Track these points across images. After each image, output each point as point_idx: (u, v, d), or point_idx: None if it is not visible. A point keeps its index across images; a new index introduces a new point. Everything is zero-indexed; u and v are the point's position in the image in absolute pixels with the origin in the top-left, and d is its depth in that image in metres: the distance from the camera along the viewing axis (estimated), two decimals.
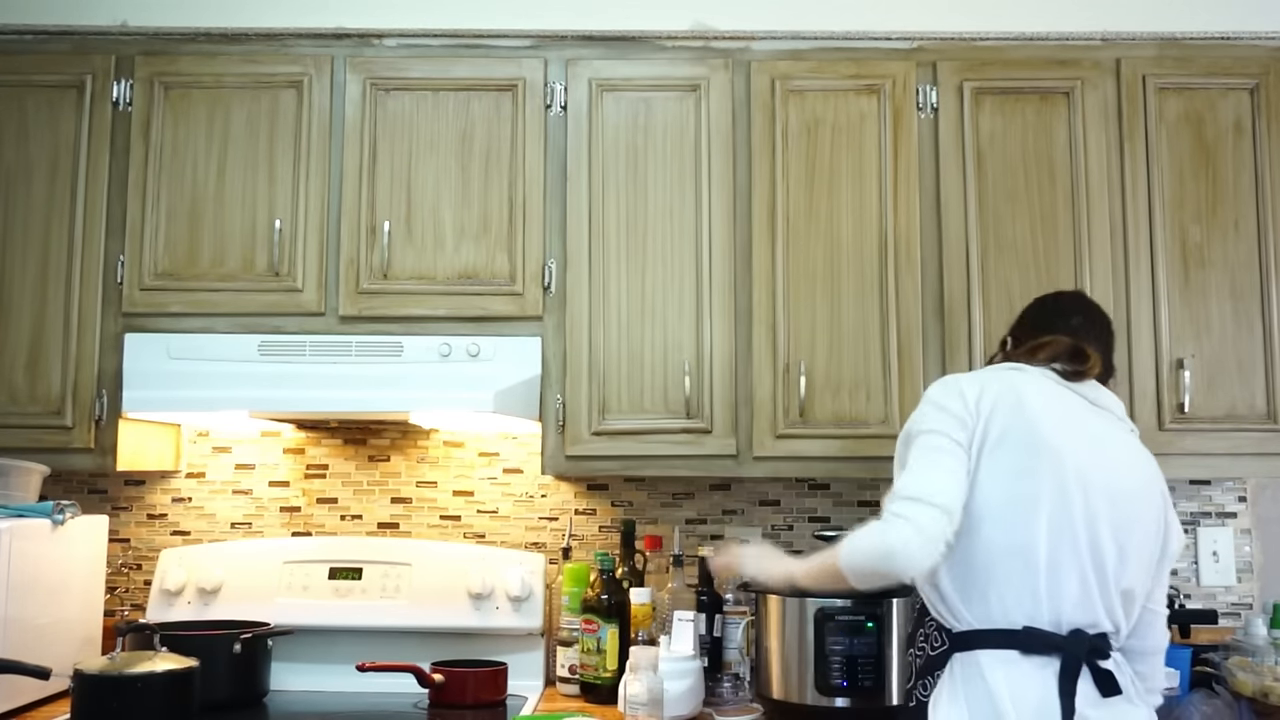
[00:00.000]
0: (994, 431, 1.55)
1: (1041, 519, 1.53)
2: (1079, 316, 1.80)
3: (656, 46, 2.38)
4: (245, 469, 2.62)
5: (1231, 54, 2.37)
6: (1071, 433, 1.58)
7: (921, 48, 2.37)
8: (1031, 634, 1.52)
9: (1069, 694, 1.49)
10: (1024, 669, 1.50)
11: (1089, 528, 1.55)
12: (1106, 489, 1.57)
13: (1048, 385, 1.64)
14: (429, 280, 2.29)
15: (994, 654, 1.51)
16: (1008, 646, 1.51)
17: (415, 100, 2.34)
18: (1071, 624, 1.54)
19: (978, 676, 1.50)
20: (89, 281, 2.29)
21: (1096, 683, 1.53)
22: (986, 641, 1.52)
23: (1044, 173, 2.32)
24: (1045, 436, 1.55)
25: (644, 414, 2.27)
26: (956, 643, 1.54)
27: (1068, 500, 1.54)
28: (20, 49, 2.38)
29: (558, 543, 2.56)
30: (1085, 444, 1.59)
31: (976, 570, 1.53)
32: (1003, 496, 1.53)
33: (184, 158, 2.33)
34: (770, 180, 2.31)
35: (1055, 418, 1.58)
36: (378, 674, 2.21)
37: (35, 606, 2.12)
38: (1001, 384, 1.61)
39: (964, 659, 1.52)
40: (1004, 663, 1.50)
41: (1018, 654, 1.51)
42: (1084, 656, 1.52)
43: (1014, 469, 1.54)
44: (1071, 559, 1.53)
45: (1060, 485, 1.54)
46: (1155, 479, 1.66)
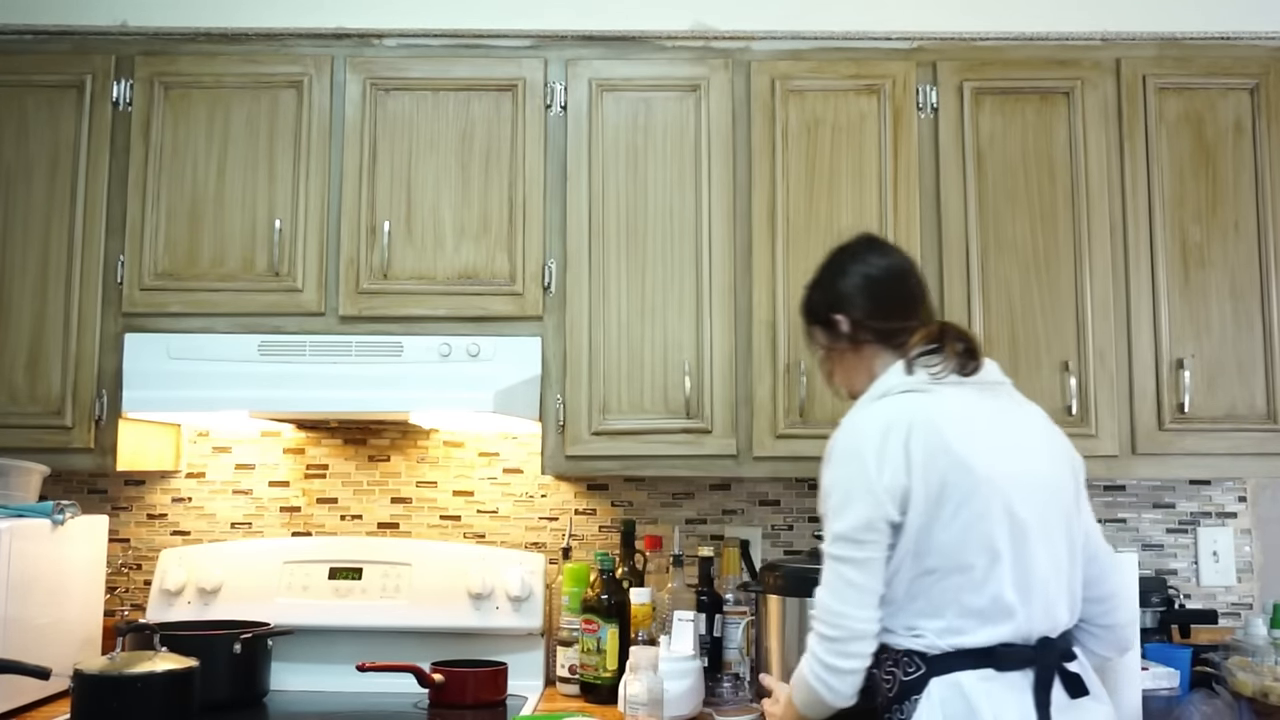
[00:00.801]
0: (933, 486, 1.53)
1: (999, 545, 1.53)
2: (914, 279, 1.78)
3: (656, 46, 2.38)
4: (245, 469, 2.62)
5: (1231, 54, 2.37)
6: (995, 450, 1.57)
7: (921, 48, 2.37)
8: (1006, 650, 1.52)
9: (1044, 705, 1.51)
10: (1001, 686, 1.51)
11: (1039, 536, 1.56)
12: (1038, 490, 1.58)
13: (956, 402, 1.61)
14: (429, 280, 2.29)
15: (973, 674, 1.51)
16: (984, 665, 1.51)
17: (415, 100, 2.34)
18: (1039, 633, 1.55)
19: (958, 698, 1.50)
20: (89, 281, 2.29)
21: (1065, 686, 1.55)
22: (963, 663, 1.52)
23: (1044, 173, 2.32)
24: (978, 468, 1.54)
25: (644, 414, 2.27)
26: (934, 666, 1.53)
27: (1015, 519, 1.54)
28: (20, 49, 2.38)
29: (558, 543, 2.56)
30: (1008, 454, 1.58)
31: (945, 603, 1.53)
32: (958, 538, 1.53)
33: (184, 158, 2.33)
34: (770, 180, 2.31)
35: (977, 440, 1.56)
36: (378, 674, 2.21)
37: (35, 606, 2.12)
38: (922, 429, 1.55)
39: (942, 682, 1.51)
40: (983, 680, 1.50)
41: (994, 671, 1.51)
42: (1055, 665, 1.54)
43: (962, 510, 1.53)
44: (1030, 574, 1.54)
45: (1007, 509, 1.54)
46: (1059, 443, 1.67)
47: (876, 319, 1.73)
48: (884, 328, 1.72)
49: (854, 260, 1.80)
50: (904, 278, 1.79)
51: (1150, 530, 2.61)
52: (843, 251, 1.84)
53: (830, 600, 1.56)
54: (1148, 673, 2.08)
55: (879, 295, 1.75)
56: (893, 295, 1.76)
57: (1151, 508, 2.61)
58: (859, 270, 1.78)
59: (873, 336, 1.73)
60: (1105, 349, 2.28)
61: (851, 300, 1.76)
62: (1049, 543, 1.57)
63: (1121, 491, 2.62)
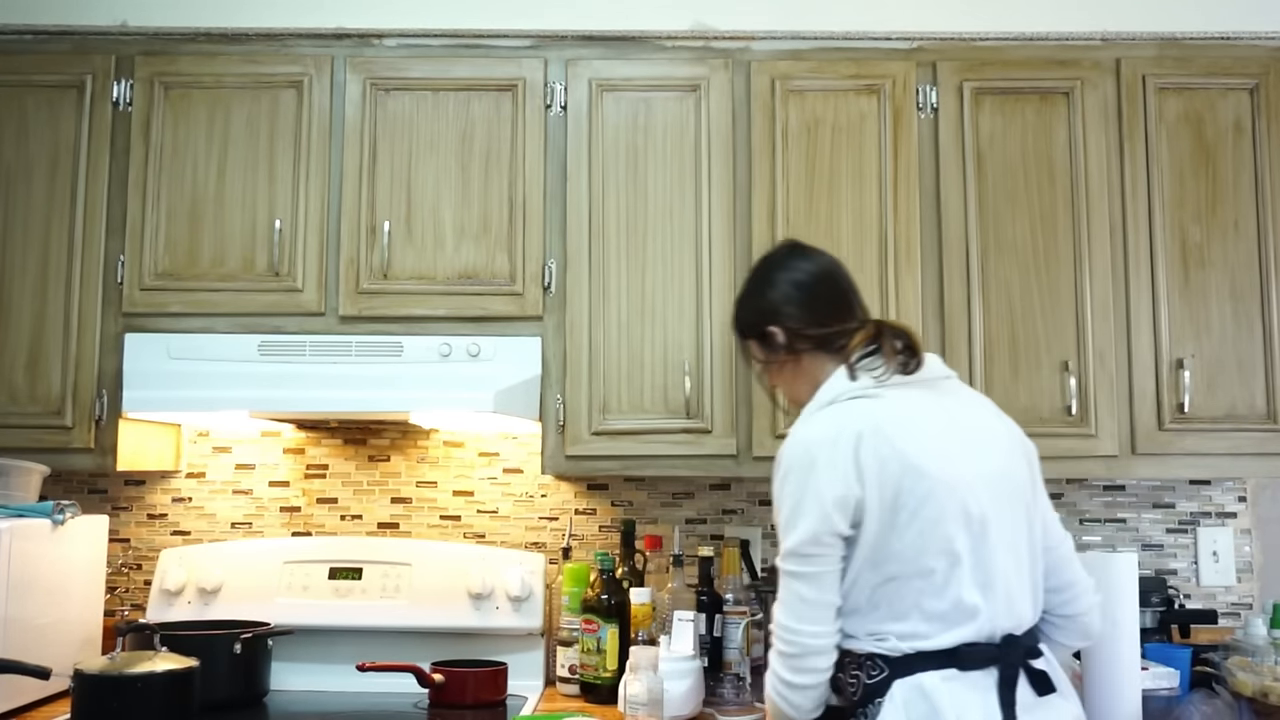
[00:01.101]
0: (887, 494, 1.51)
1: (958, 547, 1.52)
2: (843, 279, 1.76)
3: (656, 46, 2.38)
4: (245, 469, 2.62)
5: (1231, 54, 2.37)
6: (948, 450, 1.56)
7: (921, 48, 2.38)
8: (969, 650, 1.51)
9: (1009, 704, 1.50)
10: (964, 685, 1.50)
11: (999, 533, 1.55)
12: (995, 485, 1.57)
13: (903, 404, 1.59)
14: (429, 280, 2.29)
15: (935, 675, 1.50)
16: (947, 666, 1.50)
17: (415, 100, 2.34)
18: (1003, 631, 1.54)
19: (921, 699, 1.49)
20: (89, 281, 2.29)
21: (1032, 683, 1.54)
22: (926, 664, 1.51)
23: (1044, 173, 2.32)
24: (931, 471, 1.52)
25: (644, 414, 2.27)
26: (897, 668, 1.52)
27: (973, 518, 1.53)
28: (20, 49, 2.38)
29: (558, 543, 2.56)
30: (961, 453, 1.57)
31: (907, 608, 1.52)
32: (915, 544, 1.51)
33: (184, 158, 2.33)
34: (770, 180, 2.31)
35: (928, 442, 1.55)
36: (378, 674, 2.21)
37: (35, 606, 2.12)
38: (871, 436, 1.53)
39: (905, 684, 1.51)
40: (945, 681, 1.49)
41: (957, 671, 1.50)
42: (1019, 663, 1.53)
43: (917, 516, 1.51)
44: (991, 572, 1.53)
45: (963, 509, 1.52)
46: (1011, 433, 1.66)
47: (812, 326, 1.71)
48: (821, 334, 1.70)
49: (780, 269, 1.77)
50: (834, 280, 1.76)
51: (1150, 530, 2.61)
52: (767, 261, 1.81)
53: (784, 616, 1.55)
54: (1148, 673, 2.08)
55: (811, 301, 1.73)
56: (825, 299, 1.73)
57: (1151, 508, 2.61)
58: (787, 278, 1.75)
59: (811, 344, 1.71)
60: (1105, 349, 2.28)
61: (784, 310, 1.73)
62: (1009, 539, 1.56)
63: (1121, 491, 2.62)
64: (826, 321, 1.71)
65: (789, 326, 1.72)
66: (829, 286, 1.75)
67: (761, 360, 1.79)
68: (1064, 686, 1.60)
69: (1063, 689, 1.59)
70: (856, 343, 1.66)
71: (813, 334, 1.70)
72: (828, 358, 1.69)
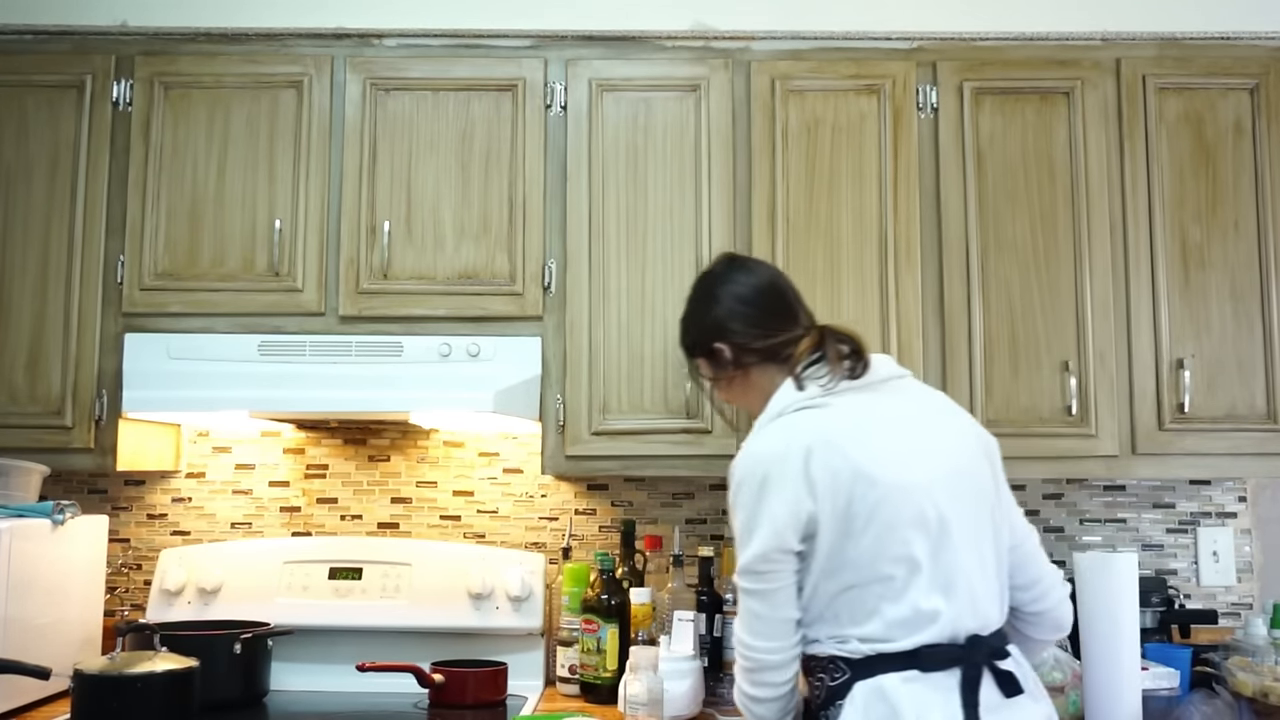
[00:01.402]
0: (839, 505, 1.51)
1: (916, 552, 1.51)
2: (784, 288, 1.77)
3: (656, 46, 2.38)
4: (245, 469, 2.62)
5: (1231, 54, 2.37)
6: (901, 455, 1.55)
7: (921, 48, 2.38)
8: (930, 651, 1.50)
9: (972, 705, 1.49)
10: (925, 686, 1.49)
11: (961, 534, 1.54)
12: (954, 485, 1.56)
13: (852, 412, 1.58)
14: (429, 280, 2.29)
15: (895, 676, 1.49)
16: (908, 667, 1.50)
17: (415, 100, 2.34)
18: (968, 632, 1.53)
19: (881, 701, 1.48)
20: (89, 281, 2.29)
21: (999, 684, 1.52)
22: (887, 665, 1.50)
23: (1044, 172, 2.32)
24: (884, 477, 1.52)
25: (644, 414, 2.26)
26: (858, 670, 1.52)
27: (930, 522, 1.52)
28: (20, 49, 2.38)
29: (558, 543, 2.56)
30: (916, 455, 1.56)
31: (867, 614, 1.52)
32: (871, 552, 1.51)
33: (184, 158, 2.33)
34: (770, 180, 2.31)
35: (880, 448, 1.54)
36: (378, 674, 2.21)
37: (35, 606, 2.12)
38: (821, 448, 1.52)
39: (865, 686, 1.50)
40: (906, 682, 1.49)
41: (918, 672, 1.50)
42: (984, 663, 1.52)
43: (871, 524, 1.51)
44: (953, 574, 1.52)
45: (920, 514, 1.52)
46: (968, 430, 1.65)
47: (758, 339, 1.71)
48: (767, 345, 1.70)
49: (721, 284, 1.77)
50: (776, 290, 1.76)
51: (1150, 530, 2.61)
52: (708, 277, 1.82)
53: (740, 631, 1.58)
54: (1148, 673, 2.08)
55: (755, 314, 1.73)
56: (769, 311, 1.73)
57: (1151, 508, 2.61)
58: (729, 293, 1.75)
59: (758, 357, 1.71)
60: (1105, 349, 2.28)
61: (729, 325, 1.73)
62: (972, 539, 1.55)
63: (1121, 491, 2.62)
64: (771, 333, 1.71)
65: (735, 342, 1.72)
66: (772, 297, 1.75)
67: (710, 377, 1.80)
68: (1033, 687, 1.58)
69: (1032, 690, 1.57)
70: (801, 351, 1.66)
71: (759, 346, 1.71)
72: (776, 369, 1.69)
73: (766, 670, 1.56)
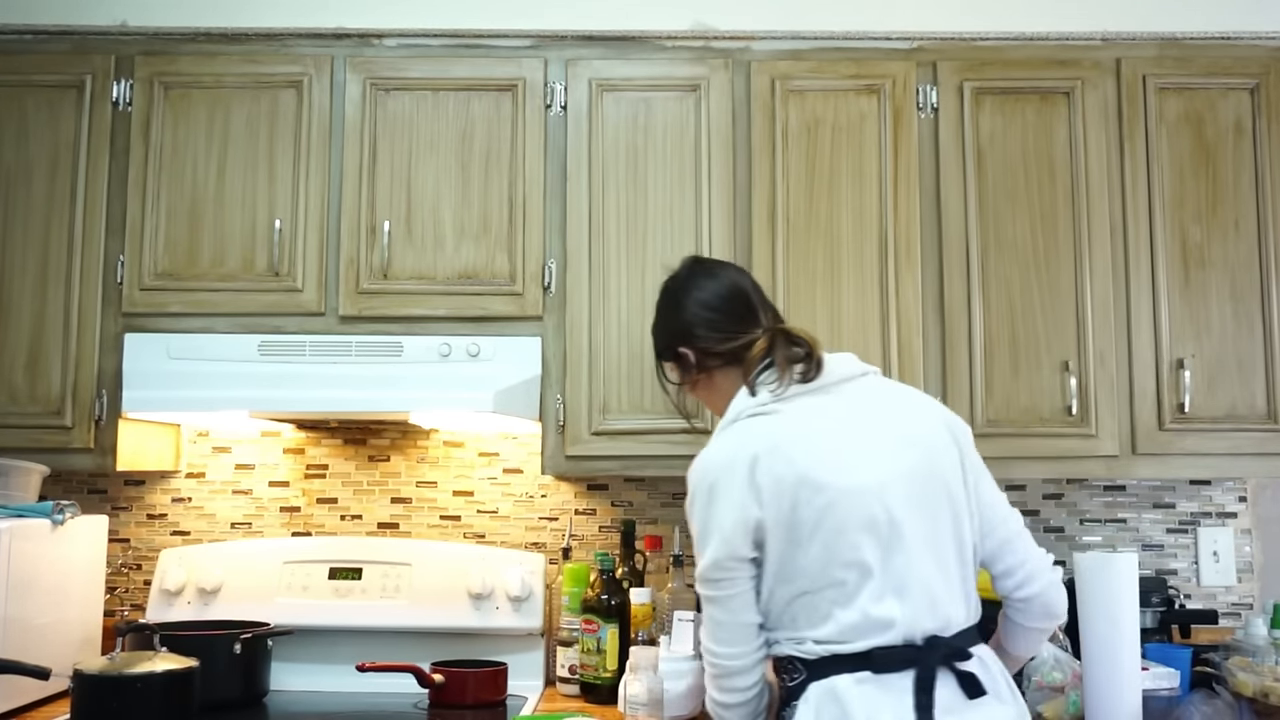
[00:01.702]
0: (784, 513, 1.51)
1: (866, 556, 1.51)
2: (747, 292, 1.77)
3: (656, 46, 2.38)
4: (245, 469, 2.62)
5: (1231, 54, 2.37)
6: (852, 458, 1.54)
7: (921, 48, 2.38)
8: (882, 652, 1.50)
9: (924, 706, 1.48)
10: (877, 688, 1.49)
11: (918, 535, 1.53)
12: (911, 485, 1.55)
13: (803, 417, 1.58)
14: (429, 280, 2.29)
15: (849, 677, 1.50)
16: (861, 668, 1.50)
17: (415, 100, 2.34)
18: (926, 633, 1.52)
19: (832, 702, 1.49)
20: (89, 281, 2.29)
21: (961, 686, 1.51)
22: (840, 666, 1.51)
23: (1044, 172, 2.32)
24: (833, 482, 1.52)
25: (644, 414, 2.26)
26: (813, 671, 1.52)
27: (881, 524, 1.51)
28: (20, 49, 2.38)
29: (558, 543, 2.56)
30: (869, 457, 1.55)
31: (821, 618, 1.52)
32: (821, 558, 1.51)
33: (184, 158, 2.33)
34: (770, 180, 2.31)
35: (830, 453, 1.54)
36: (378, 674, 2.21)
37: (35, 606, 2.12)
38: (768, 456, 1.54)
39: (819, 686, 1.51)
40: (858, 683, 1.49)
41: (870, 673, 1.49)
42: (938, 665, 1.50)
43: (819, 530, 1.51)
44: (907, 576, 1.52)
45: (870, 517, 1.51)
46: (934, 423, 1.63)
47: (720, 342, 1.73)
48: (729, 349, 1.71)
49: (685, 290, 1.80)
50: (738, 293, 1.77)
51: (1150, 530, 2.61)
52: (673, 282, 1.85)
53: (704, 638, 1.62)
54: (1148, 673, 2.08)
55: (716, 319, 1.74)
56: (730, 314, 1.75)
57: (1151, 508, 2.61)
58: (693, 298, 1.78)
59: (721, 360, 1.73)
60: (1105, 349, 2.28)
61: (692, 330, 1.76)
62: (930, 539, 1.54)
63: (1121, 491, 2.62)
64: (733, 336, 1.72)
65: (698, 346, 1.75)
66: (735, 301, 1.76)
67: (676, 382, 1.84)
68: (1001, 689, 1.56)
69: (999, 692, 1.55)
70: (754, 355, 1.66)
71: (721, 350, 1.73)
72: (738, 371, 1.70)
73: (732, 675, 1.60)
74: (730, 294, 1.77)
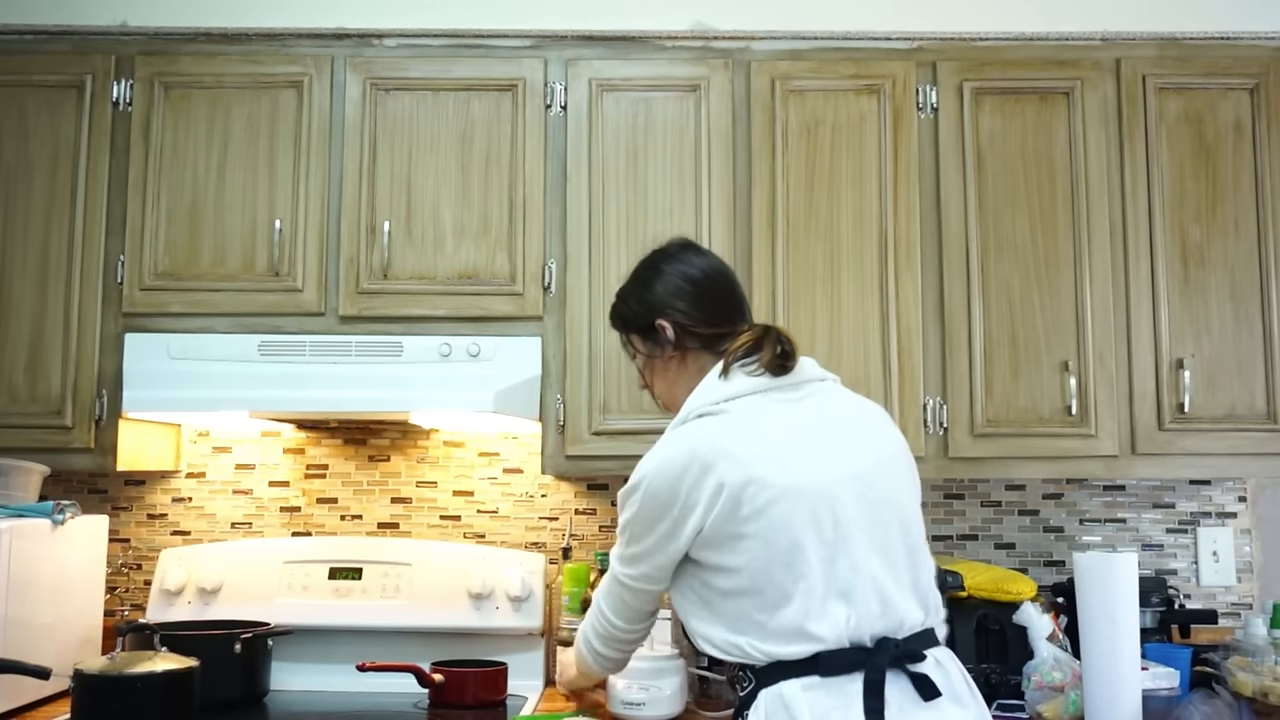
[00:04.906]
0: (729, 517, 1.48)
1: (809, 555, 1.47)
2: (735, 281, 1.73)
3: (656, 46, 2.38)
4: (245, 469, 2.62)
5: (1231, 54, 2.37)
6: (803, 459, 1.51)
7: (921, 48, 2.38)
8: (829, 656, 1.46)
9: (875, 710, 1.43)
10: (824, 692, 1.45)
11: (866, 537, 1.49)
12: (861, 488, 1.51)
13: (759, 416, 1.54)
14: (429, 280, 2.29)
15: (795, 683, 1.45)
16: (808, 673, 1.46)
17: (415, 100, 2.34)
18: (875, 634, 1.48)
19: (781, 710, 1.45)
20: (89, 281, 2.29)
21: (916, 688, 1.47)
22: (787, 672, 1.46)
23: (1044, 173, 2.33)
24: (778, 482, 1.47)
25: (644, 414, 2.26)
26: (761, 678, 1.48)
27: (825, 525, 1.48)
28: (20, 49, 2.38)
29: (558, 543, 2.56)
30: (820, 459, 1.51)
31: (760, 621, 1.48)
32: (761, 559, 1.47)
33: (184, 158, 2.33)
34: (770, 180, 2.31)
35: (783, 453, 1.50)
36: (378, 674, 2.21)
37: (35, 606, 2.12)
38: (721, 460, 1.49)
39: (768, 694, 1.47)
40: (806, 689, 1.45)
41: (818, 678, 1.45)
42: (887, 666, 1.46)
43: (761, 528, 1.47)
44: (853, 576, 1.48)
45: (815, 517, 1.47)
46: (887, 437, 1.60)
47: (702, 324, 1.66)
48: (710, 333, 1.65)
49: (671, 262, 1.72)
50: (726, 280, 1.72)
51: (1150, 530, 2.61)
52: (659, 254, 1.76)
53: (604, 603, 1.70)
54: (1148, 673, 2.08)
55: (702, 298, 1.68)
56: (717, 298, 1.69)
57: (1151, 508, 2.61)
58: (679, 271, 1.70)
59: (698, 343, 1.66)
60: (1105, 349, 2.28)
61: (674, 304, 1.67)
62: (880, 541, 1.50)
63: (1121, 491, 2.62)
64: (717, 321, 1.66)
65: (679, 321, 1.66)
66: (721, 286, 1.70)
67: (645, 354, 1.72)
68: (960, 691, 1.52)
69: (957, 694, 1.51)
70: (741, 344, 1.61)
71: (702, 332, 1.66)
72: (710, 359, 1.64)
73: (618, 643, 1.73)
74: (719, 277, 1.71)
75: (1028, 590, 2.19)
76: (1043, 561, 2.59)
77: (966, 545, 2.59)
